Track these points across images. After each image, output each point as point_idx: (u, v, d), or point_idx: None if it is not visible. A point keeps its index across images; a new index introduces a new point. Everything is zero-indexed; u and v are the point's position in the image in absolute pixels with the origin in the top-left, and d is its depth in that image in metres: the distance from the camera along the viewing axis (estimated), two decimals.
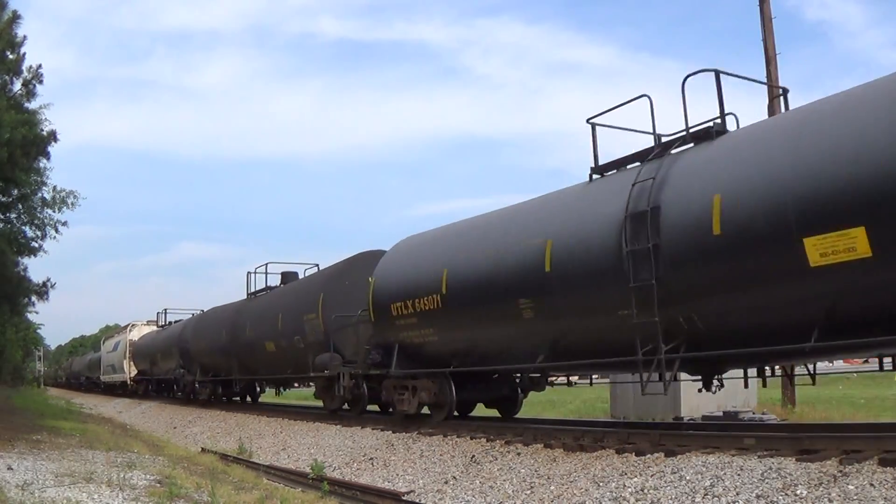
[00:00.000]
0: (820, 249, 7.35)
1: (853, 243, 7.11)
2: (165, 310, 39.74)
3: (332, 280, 18.13)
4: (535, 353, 11.18)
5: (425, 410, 14.53)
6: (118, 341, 45.78)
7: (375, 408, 18.14)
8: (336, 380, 16.62)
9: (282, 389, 25.55)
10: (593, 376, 13.83)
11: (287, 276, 23.11)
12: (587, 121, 10.98)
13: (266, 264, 24.23)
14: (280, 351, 19.90)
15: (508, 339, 11.74)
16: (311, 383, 20.71)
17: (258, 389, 27.82)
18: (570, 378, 14.36)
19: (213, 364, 26.52)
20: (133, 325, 43.33)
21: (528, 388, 14.41)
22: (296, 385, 25.59)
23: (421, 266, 13.83)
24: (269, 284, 23.87)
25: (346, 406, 17.68)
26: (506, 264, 11.43)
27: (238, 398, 27.96)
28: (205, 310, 31.01)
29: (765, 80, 18.12)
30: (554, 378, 14.78)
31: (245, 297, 24.85)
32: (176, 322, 35.71)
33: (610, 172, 10.90)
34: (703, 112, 9.83)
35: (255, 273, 24.32)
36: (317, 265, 21.90)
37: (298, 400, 30.25)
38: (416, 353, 13.97)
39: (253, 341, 21.76)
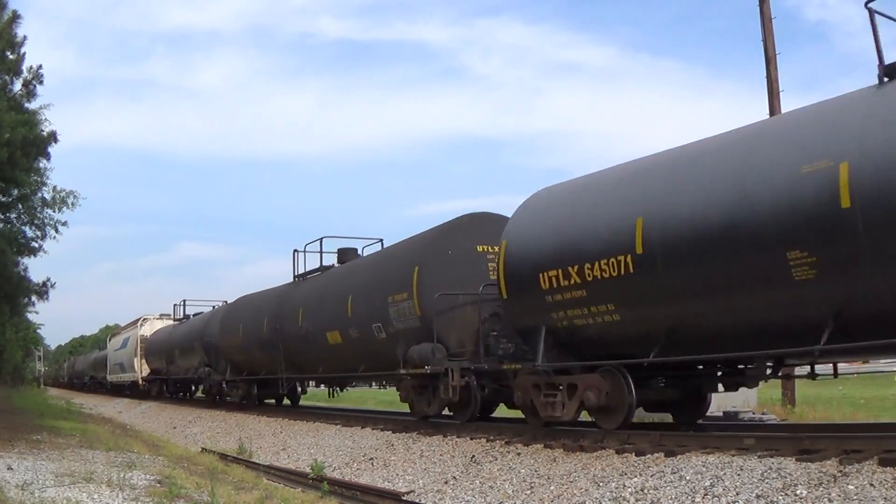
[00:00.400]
0: None
1: None
2: (184, 301, 35.07)
3: (430, 250, 13.98)
4: (804, 330, 7.94)
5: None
6: (127, 337, 41.43)
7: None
8: (439, 378, 13.00)
9: (337, 391, 20.95)
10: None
11: (345, 254, 19.08)
12: (865, 5, 8.17)
13: (320, 239, 19.71)
14: (349, 343, 16.13)
15: (755, 311, 8.44)
16: (385, 383, 17.84)
17: (299, 390, 23.71)
18: (839, 366, 10.30)
19: (249, 361, 22.64)
20: (144, 320, 38.87)
21: (738, 382, 10.41)
22: (358, 384, 22.15)
23: (592, 218, 10.30)
24: (323, 264, 19.65)
25: (447, 410, 14.01)
26: (759, 202, 8.16)
27: (274, 400, 24.14)
28: (228, 301, 27.51)
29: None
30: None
31: (290, 280, 20.82)
32: (196, 315, 32.03)
33: None
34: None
35: (306, 252, 20.12)
36: (381, 240, 18.36)
37: (353, 403, 26.70)
38: (575, 339, 10.59)
39: (308, 333, 17.94)
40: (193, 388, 32.03)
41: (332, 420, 17.30)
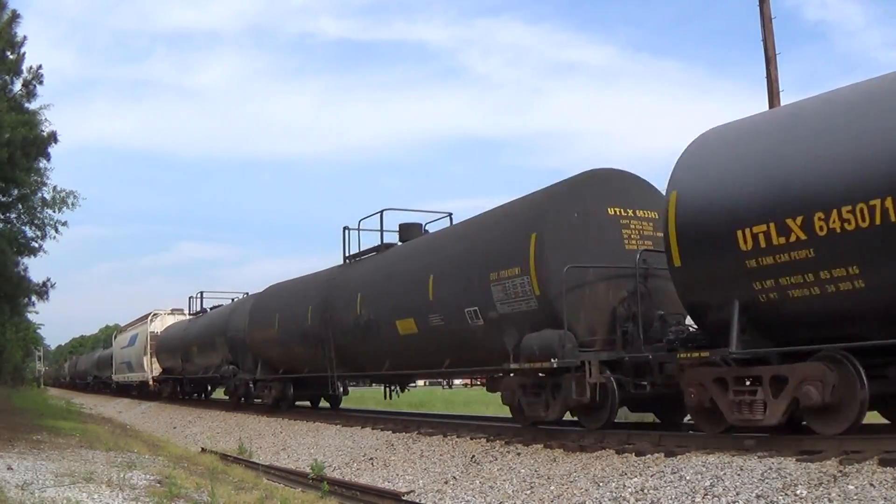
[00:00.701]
0: None
1: None
2: (201, 293, 31.60)
3: (551, 213, 11.14)
4: None
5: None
6: (135, 334, 38.04)
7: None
8: (563, 374, 10.46)
9: (397, 391, 17.65)
10: None
11: (409, 230, 16.50)
12: None
13: (381, 212, 16.85)
14: (429, 333, 13.38)
15: None
16: (476, 379, 14.51)
17: (340, 390, 19.42)
18: None
19: (286, 358, 19.73)
20: (155, 315, 35.73)
21: None
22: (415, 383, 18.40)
23: (826, 150, 7.67)
24: (385, 241, 16.78)
25: (569, 415, 11.38)
26: None
27: (309, 402, 21.54)
28: (250, 293, 24.80)
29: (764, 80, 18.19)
30: None
31: (340, 263, 18.03)
32: (214, 308, 29.12)
33: None
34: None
35: (360, 228, 17.32)
36: (449, 214, 16.15)
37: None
38: (782, 317, 8.22)
39: (369, 322, 15.34)
40: (209, 388, 29.85)
41: (332, 420, 17.28)
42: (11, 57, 18.35)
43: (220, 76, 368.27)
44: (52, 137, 19.22)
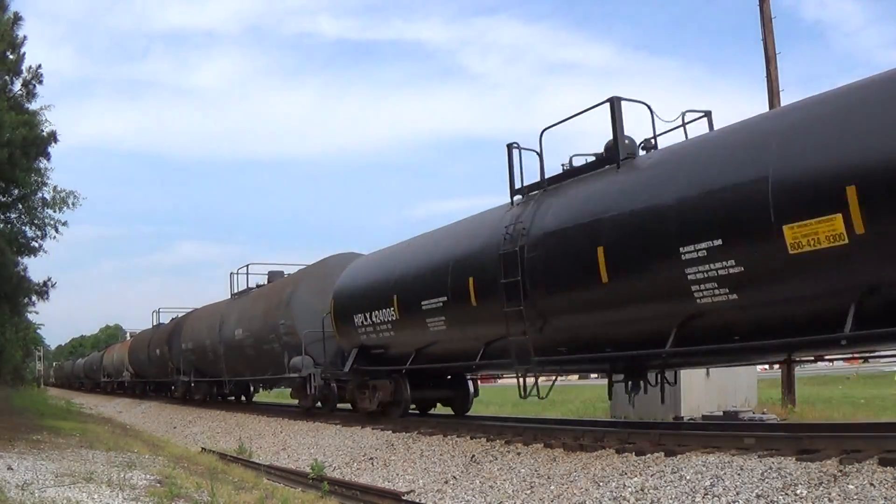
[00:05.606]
0: None
1: None
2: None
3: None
4: None
5: None
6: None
7: None
8: None
9: None
10: None
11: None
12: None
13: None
14: None
15: None
16: None
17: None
18: None
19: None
20: None
21: None
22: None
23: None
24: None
25: None
26: None
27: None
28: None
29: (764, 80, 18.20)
30: None
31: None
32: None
33: None
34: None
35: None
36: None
37: None
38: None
39: None
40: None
41: (332, 420, 17.29)
42: (12, 57, 18.38)
43: (218, 76, 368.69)
44: (52, 137, 19.26)
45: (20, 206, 20.76)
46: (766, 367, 23.97)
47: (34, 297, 23.51)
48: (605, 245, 9.42)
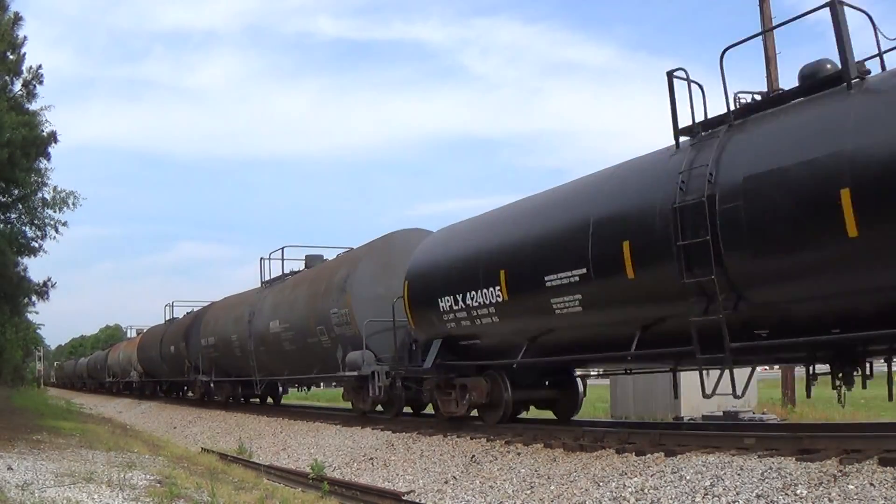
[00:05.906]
0: None
1: None
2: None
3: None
4: None
5: None
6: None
7: None
8: None
9: None
10: None
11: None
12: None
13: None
14: None
15: None
16: None
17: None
18: None
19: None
20: None
21: None
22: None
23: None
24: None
25: None
26: None
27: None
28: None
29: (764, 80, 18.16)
30: None
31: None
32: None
33: None
34: None
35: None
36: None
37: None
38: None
39: None
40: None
41: (332, 420, 17.29)
42: (12, 57, 18.38)
43: (218, 76, 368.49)
44: (52, 137, 19.26)
45: (20, 206, 20.74)
46: (766, 367, 23.94)
47: (34, 297, 23.51)
48: (852, 187, 7.10)
